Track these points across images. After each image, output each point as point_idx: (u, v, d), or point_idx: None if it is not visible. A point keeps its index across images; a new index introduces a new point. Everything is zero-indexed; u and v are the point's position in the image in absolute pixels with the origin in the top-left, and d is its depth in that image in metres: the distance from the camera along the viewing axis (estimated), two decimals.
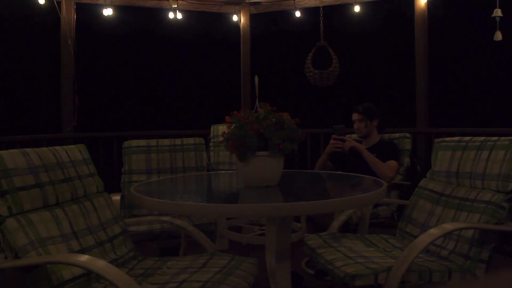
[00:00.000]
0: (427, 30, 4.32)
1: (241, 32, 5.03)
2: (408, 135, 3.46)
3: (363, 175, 2.53)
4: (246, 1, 4.93)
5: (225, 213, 2.10)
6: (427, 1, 4.26)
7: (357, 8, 4.46)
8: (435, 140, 2.44)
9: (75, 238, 1.82)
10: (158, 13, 4.88)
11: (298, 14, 4.71)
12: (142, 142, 3.24)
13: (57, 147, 1.99)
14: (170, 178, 2.79)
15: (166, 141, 3.29)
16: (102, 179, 2.18)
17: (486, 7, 3.73)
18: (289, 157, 3.42)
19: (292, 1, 4.71)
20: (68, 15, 4.41)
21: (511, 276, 0.48)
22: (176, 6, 4.62)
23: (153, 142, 3.26)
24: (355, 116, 3.45)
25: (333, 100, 6.02)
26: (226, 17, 5.03)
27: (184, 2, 4.70)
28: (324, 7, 4.71)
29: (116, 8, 4.45)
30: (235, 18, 4.98)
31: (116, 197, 2.62)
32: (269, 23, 5.64)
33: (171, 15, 4.67)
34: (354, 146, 3.33)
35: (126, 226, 2.17)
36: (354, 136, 3.58)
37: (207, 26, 5.58)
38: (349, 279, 1.77)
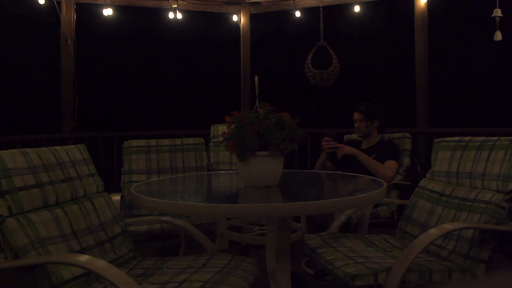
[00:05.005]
0: (427, 30, 4.32)
1: (241, 32, 5.03)
2: (408, 135, 3.46)
3: (363, 175, 2.52)
4: (246, 1, 4.93)
5: (225, 213, 2.10)
6: (427, 1, 4.26)
7: (357, 8, 4.46)
8: (435, 140, 2.44)
9: (75, 238, 1.82)
10: (158, 13, 4.88)
11: (298, 14, 4.71)
12: (142, 142, 3.24)
13: (57, 147, 1.99)
14: (170, 178, 2.79)
15: (166, 141, 3.30)
16: (102, 179, 2.18)
17: (486, 7, 3.73)
18: (289, 157, 3.41)
19: (292, 1, 4.71)
20: (68, 15, 4.41)
21: (511, 276, 0.48)
22: (176, 6, 4.62)
23: (153, 142, 3.26)
24: (356, 116, 3.43)
25: (333, 100, 6.02)
26: (226, 17, 5.03)
27: (184, 2, 4.70)
28: (324, 7, 4.71)
29: (116, 8, 4.45)
30: (235, 18, 4.97)
31: (116, 197, 2.61)
32: (269, 23, 5.63)
33: (171, 15, 4.67)
34: (348, 153, 3.27)
35: (126, 226, 2.17)
36: (354, 136, 3.58)
37: (207, 26, 5.58)
38: (349, 279, 1.77)
